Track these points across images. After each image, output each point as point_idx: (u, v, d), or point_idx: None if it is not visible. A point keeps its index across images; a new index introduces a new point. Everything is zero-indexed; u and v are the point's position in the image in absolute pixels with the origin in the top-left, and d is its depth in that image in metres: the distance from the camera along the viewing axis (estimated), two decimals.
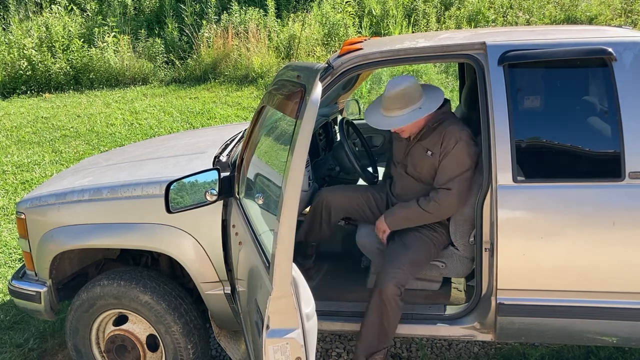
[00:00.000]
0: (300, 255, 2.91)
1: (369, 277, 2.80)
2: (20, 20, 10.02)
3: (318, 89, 1.60)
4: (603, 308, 2.24)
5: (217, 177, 2.28)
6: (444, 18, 9.13)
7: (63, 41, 9.05)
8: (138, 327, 2.58)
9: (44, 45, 9.02)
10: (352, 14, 9.13)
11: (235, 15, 9.19)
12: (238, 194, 2.34)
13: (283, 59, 8.48)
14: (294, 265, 1.65)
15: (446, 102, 2.55)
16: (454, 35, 2.59)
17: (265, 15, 9.28)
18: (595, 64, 2.22)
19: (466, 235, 2.50)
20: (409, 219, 2.54)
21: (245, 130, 2.80)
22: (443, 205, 2.43)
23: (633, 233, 2.15)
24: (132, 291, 2.48)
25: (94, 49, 8.89)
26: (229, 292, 2.47)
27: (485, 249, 2.30)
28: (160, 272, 2.75)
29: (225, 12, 9.37)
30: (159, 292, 2.50)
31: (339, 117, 4.05)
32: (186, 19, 9.38)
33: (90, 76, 8.79)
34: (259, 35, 8.71)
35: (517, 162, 2.20)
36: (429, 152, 2.49)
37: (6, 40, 9.18)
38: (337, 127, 3.99)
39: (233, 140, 2.95)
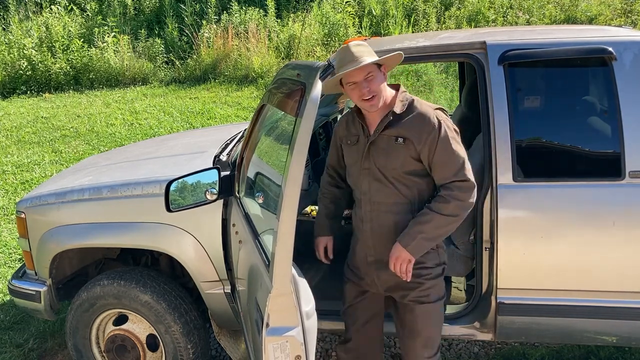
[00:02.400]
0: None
1: None
2: (20, 20, 10.02)
3: (318, 87, 1.61)
4: (603, 307, 2.24)
5: (217, 176, 2.28)
6: (444, 18, 9.12)
7: (63, 41, 9.05)
8: (138, 327, 2.58)
9: (44, 45, 9.03)
10: (352, 14, 9.13)
11: (235, 15, 9.19)
12: (238, 193, 2.34)
13: (283, 59, 8.48)
14: (293, 263, 1.65)
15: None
16: (454, 34, 2.59)
17: (265, 15, 9.28)
18: (595, 63, 2.23)
19: (466, 234, 2.49)
20: (434, 236, 2.00)
21: (245, 129, 2.80)
22: (466, 200, 1.96)
23: (633, 232, 2.15)
24: (132, 291, 2.48)
25: (94, 49, 8.90)
26: (229, 291, 2.46)
27: (486, 248, 2.30)
28: (160, 271, 2.75)
29: (225, 12, 9.38)
30: (159, 291, 2.49)
31: (339, 117, 4.05)
32: (186, 19, 9.39)
33: (90, 76, 8.79)
34: (259, 35, 8.71)
35: (517, 162, 2.20)
36: (399, 139, 1.99)
37: (6, 40, 9.19)
38: None
39: (233, 139, 2.95)
